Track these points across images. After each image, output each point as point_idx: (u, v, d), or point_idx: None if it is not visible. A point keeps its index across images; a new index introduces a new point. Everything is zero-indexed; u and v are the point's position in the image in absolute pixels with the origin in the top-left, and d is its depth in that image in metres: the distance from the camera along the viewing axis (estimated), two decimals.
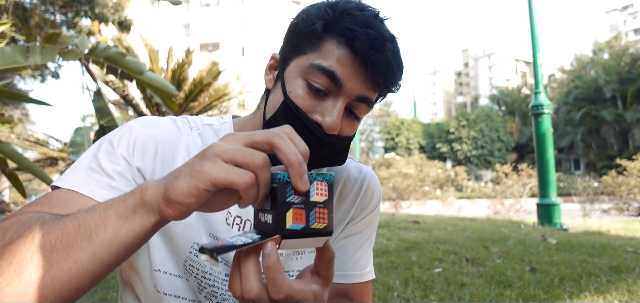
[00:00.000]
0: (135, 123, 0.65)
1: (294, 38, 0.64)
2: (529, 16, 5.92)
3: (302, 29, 0.63)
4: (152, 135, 0.64)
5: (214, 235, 0.67)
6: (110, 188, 0.58)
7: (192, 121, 0.71)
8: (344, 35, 0.59)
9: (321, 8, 0.62)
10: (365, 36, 0.58)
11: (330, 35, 0.60)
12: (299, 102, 0.61)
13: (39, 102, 3.12)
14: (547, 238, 4.22)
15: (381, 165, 16.95)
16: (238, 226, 0.68)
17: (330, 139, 0.61)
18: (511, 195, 9.87)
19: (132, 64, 2.75)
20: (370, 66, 0.59)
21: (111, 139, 0.62)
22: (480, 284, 2.66)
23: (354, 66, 0.59)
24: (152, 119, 0.67)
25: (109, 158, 0.60)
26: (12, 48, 2.44)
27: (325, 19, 0.60)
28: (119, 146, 0.61)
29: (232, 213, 0.68)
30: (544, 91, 5.88)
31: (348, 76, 0.59)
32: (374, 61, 0.58)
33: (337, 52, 0.59)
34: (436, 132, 37.58)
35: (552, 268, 2.98)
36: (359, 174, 0.78)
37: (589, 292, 2.48)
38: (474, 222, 6.10)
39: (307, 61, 0.61)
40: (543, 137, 5.73)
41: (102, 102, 2.75)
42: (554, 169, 5.80)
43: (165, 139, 0.65)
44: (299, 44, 0.63)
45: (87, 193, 0.56)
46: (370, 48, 0.58)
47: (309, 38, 0.61)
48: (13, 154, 2.73)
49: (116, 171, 0.59)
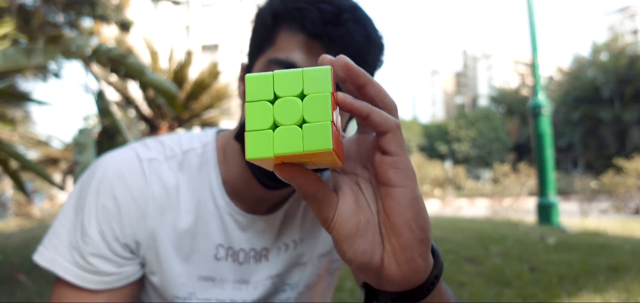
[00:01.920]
0: (101, 188, 0.57)
1: (252, 39, 0.59)
2: (528, 17, 5.95)
3: (255, 27, 0.58)
4: (114, 211, 0.57)
5: (204, 277, 0.63)
6: (104, 283, 0.57)
7: (169, 147, 0.63)
8: (294, 19, 0.52)
9: (271, 1, 0.57)
10: (316, 13, 0.51)
11: (281, 25, 0.54)
12: None
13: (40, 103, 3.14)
14: (546, 238, 4.24)
15: None
16: (231, 257, 0.64)
17: None
18: (510, 194, 9.90)
19: (135, 65, 2.77)
20: (330, 45, 0.51)
21: (82, 220, 0.57)
22: (479, 283, 2.68)
23: (313, 49, 0.52)
24: (116, 175, 0.58)
25: (88, 246, 0.57)
26: (15, 49, 2.47)
27: (273, 8, 0.55)
28: (90, 229, 0.56)
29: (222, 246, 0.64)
30: (543, 92, 5.91)
31: (309, 62, 0.52)
32: (331, 36, 0.50)
33: (291, 39, 0.53)
34: (435, 132, 37.61)
35: (550, 268, 3.00)
36: None
37: (587, 291, 2.50)
38: (473, 222, 6.12)
39: (266, 59, 0.55)
40: (542, 137, 5.75)
41: (104, 103, 2.77)
42: (552, 169, 5.82)
43: (131, 205, 0.58)
44: (257, 44, 0.58)
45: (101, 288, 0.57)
46: (324, 24, 0.51)
47: (263, 34, 0.56)
48: (15, 154, 2.76)
49: (104, 256, 0.57)
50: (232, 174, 0.62)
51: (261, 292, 0.65)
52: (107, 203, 0.57)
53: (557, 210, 5.67)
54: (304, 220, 0.68)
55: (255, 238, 0.64)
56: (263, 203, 0.63)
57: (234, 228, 0.62)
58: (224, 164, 0.62)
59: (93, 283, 0.56)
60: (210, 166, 0.62)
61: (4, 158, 2.75)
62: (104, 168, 0.59)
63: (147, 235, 0.59)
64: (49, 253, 0.57)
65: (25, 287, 2.60)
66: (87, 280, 0.56)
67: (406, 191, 0.31)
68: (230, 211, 0.62)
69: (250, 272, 0.64)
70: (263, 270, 0.65)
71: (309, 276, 0.70)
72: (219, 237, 0.62)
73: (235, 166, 0.61)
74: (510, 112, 39.20)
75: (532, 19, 5.92)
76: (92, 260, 0.56)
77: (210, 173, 0.62)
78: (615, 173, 8.93)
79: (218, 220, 0.62)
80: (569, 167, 36.05)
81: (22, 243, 4.25)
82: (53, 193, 18.46)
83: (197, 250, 0.61)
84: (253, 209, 0.63)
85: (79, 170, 2.44)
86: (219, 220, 0.62)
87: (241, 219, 0.62)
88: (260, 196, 0.62)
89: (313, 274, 0.70)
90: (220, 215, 0.62)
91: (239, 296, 0.64)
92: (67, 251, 0.56)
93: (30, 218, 10.21)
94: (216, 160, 0.63)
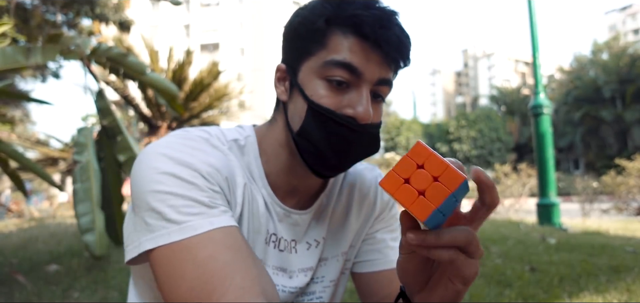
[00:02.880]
0: (194, 156, 0.57)
1: (296, 43, 0.62)
2: (529, 16, 5.93)
3: (302, 31, 0.61)
4: (213, 165, 0.58)
5: None
6: (216, 206, 0.56)
7: (215, 136, 0.65)
8: (348, 23, 0.58)
9: (317, 5, 0.61)
10: (370, 18, 0.57)
11: (334, 29, 0.59)
12: (324, 102, 0.59)
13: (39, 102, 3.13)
14: (547, 238, 4.23)
15: (381, 165, 16.92)
16: (273, 243, 0.68)
17: (367, 128, 0.61)
18: (511, 194, 9.87)
19: (134, 65, 2.75)
20: (384, 46, 0.58)
21: (174, 174, 0.55)
22: (480, 284, 2.67)
23: (367, 50, 0.58)
24: (199, 145, 0.60)
25: (182, 189, 0.55)
26: (13, 48, 2.45)
27: (325, 14, 0.59)
28: (200, 179, 0.56)
29: (270, 232, 0.68)
30: (544, 91, 5.89)
31: (364, 62, 0.58)
32: (385, 39, 0.57)
33: (346, 42, 0.58)
34: (436, 132, 37.60)
35: (551, 268, 2.99)
36: (371, 174, 0.79)
37: (588, 292, 2.49)
38: None
39: (319, 60, 0.59)
40: (542, 137, 5.74)
41: (104, 103, 2.76)
42: (553, 169, 5.81)
43: (224, 166, 0.60)
44: (304, 48, 0.61)
45: (213, 226, 0.53)
46: (379, 28, 0.57)
47: (313, 38, 0.60)
48: (15, 153, 2.75)
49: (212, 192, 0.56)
50: (273, 166, 0.67)
51: (296, 282, 0.70)
52: (203, 167, 0.57)
53: (558, 210, 5.66)
54: (332, 220, 0.74)
55: (288, 230, 0.69)
56: (295, 195, 0.69)
57: (275, 216, 0.68)
58: (264, 156, 0.68)
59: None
60: (252, 156, 0.67)
61: (4, 158, 2.74)
62: (184, 144, 0.59)
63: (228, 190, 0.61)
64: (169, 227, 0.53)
65: (23, 288, 2.59)
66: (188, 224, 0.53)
67: None
68: (272, 201, 0.67)
69: (288, 261, 0.69)
70: (296, 262, 0.70)
71: (333, 272, 0.75)
72: (266, 223, 0.67)
73: (276, 158, 0.67)
74: (511, 112, 39.19)
75: (532, 18, 5.91)
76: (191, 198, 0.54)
77: (252, 163, 0.67)
78: (616, 173, 8.90)
79: (264, 207, 0.66)
80: (570, 167, 36.04)
81: (21, 244, 4.24)
82: (52, 193, 18.47)
83: (251, 230, 0.65)
84: (286, 202, 0.69)
85: (79, 170, 2.43)
86: (265, 207, 0.66)
87: (279, 210, 0.68)
88: (295, 186, 0.68)
89: (336, 270, 0.75)
90: (265, 202, 0.66)
91: (279, 281, 0.68)
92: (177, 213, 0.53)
93: (21, 216, 10.21)
94: (257, 152, 0.68)
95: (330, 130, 0.59)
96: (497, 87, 46.11)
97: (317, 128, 0.59)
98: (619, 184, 8.53)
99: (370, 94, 0.61)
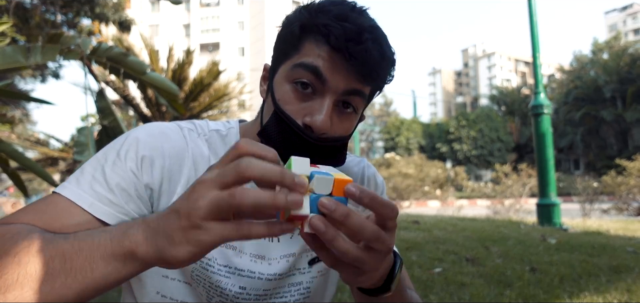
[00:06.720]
0: (142, 133, 0.65)
1: (278, 45, 0.66)
2: (529, 16, 5.93)
3: (283, 34, 0.65)
4: (158, 147, 0.64)
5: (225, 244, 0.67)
6: (111, 203, 0.59)
7: (199, 126, 0.72)
8: (320, 32, 0.59)
9: (297, 11, 0.64)
10: (340, 30, 0.57)
11: (308, 35, 0.61)
12: (287, 108, 0.61)
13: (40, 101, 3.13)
14: (547, 238, 4.23)
15: (381, 165, 16.94)
16: None
17: (323, 141, 0.61)
18: (511, 194, 9.88)
19: (135, 64, 2.75)
20: (350, 59, 0.58)
21: (118, 150, 0.63)
22: (480, 284, 2.67)
23: (334, 60, 0.59)
24: (158, 129, 0.67)
25: (114, 170, 0.61)
26: (13, 48, 2.45)
27: (301, 20, 0.61)
28: (126, 159, 0.62)
29: None
30: (544, 91, 5.89)
31: (330, 71, 0.59)
32: (352, 52, 0.57)
33: (316, 49, 0.60)
34: (436, 132, 37.60)
35: (551, 268, 2.99)
36: (358, 166, 0.81)
37: (589, 292, 2.49)
38: (473, 222, 6.11)
39: (291, 63, 0.62)
40: (543, 137, 5.74)
41: (104, 102, 2.76)
42: (553, 169, 5.81)
43: (172, 151, 0.66)
44: (283, 50, 0.64)
45: (86, 208, 0.58)
46: (347, 40, 0.57)
47: (290, 42, 0.62)
48: (15, 153, 2.75)
49: (120, 186, 0.60)
50: None
51: (276, 269, 0.71)
52: (148, 144, 0.64)
53: (558, 210, 5.66)
54: None
55: None
56: None
57: None
58: None
59: (96, 210, 0.59)
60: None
61: (4, 158, 2.74)
62: (147, 126, 0.67)
63: (178, 185, 0.65)
64: (68, 185, 0.60)
65: None
66: (97, 208, 0.59)
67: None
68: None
69: (267, 249, 0.71)
70: (277, 250, 0.71)
71: (319, 262, 0.75)
72: None
73: None
74: (511, 112, 39.18)
75: (533, 18, 5.90)
76: (111, 187, 0.60)
77: None
78: (617, 173, 8.90)
79: None
80: (570, 167, 36.05)
81: None
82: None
83: None
84: None
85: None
86: None
87: None
88: None
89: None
90: None
91: (256, 268, 0.69)
92: (88, 184, 0.60)
93: None
94: None
95: (286, 137, 0.61)
96: (497, 87, 46.15)
97: (277, 132, 0.62)
98: (620, 185, 8.54)
99: (339, 104, 0.62)
